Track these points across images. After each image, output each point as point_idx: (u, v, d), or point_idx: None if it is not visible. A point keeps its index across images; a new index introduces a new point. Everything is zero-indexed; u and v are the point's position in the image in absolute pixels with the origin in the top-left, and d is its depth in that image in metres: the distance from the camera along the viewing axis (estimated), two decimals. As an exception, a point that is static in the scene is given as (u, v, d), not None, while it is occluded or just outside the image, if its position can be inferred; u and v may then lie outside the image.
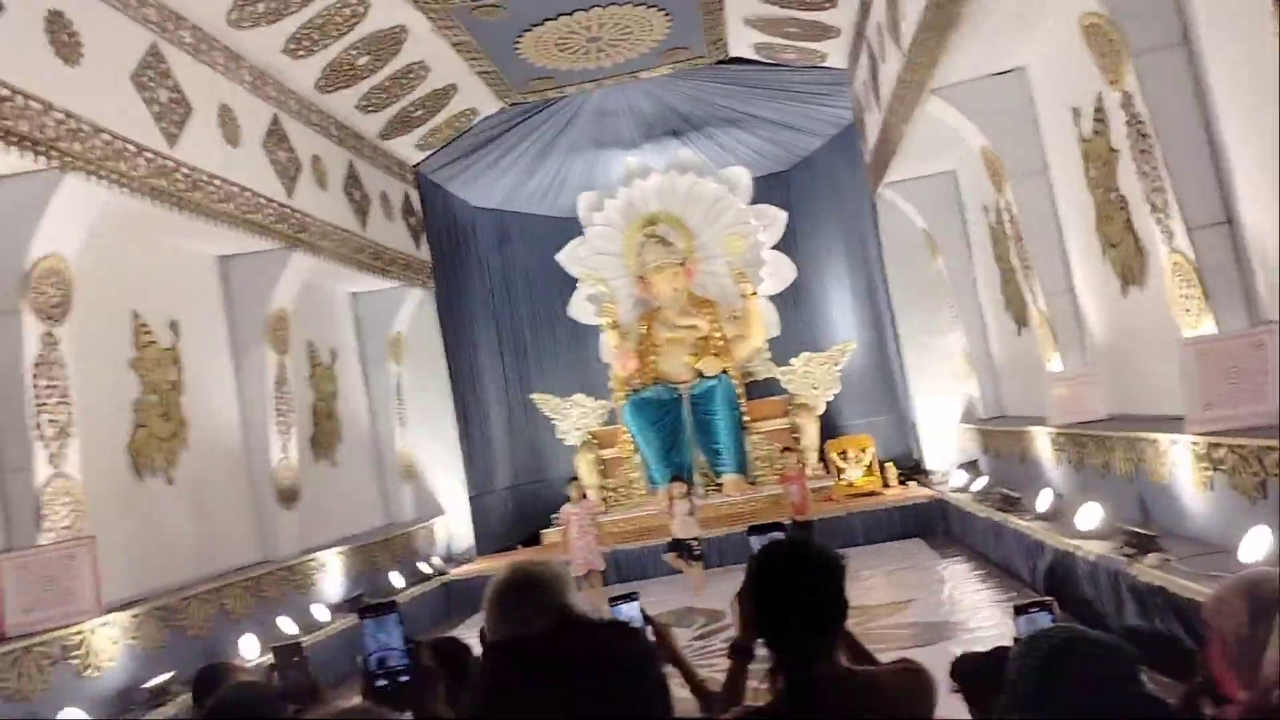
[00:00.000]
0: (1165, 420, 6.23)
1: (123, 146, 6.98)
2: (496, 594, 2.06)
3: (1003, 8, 6.64)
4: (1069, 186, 7.67)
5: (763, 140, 14.81)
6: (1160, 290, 6.00)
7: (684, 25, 11.58)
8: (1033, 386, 9.11)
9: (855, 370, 14.11)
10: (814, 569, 2.08)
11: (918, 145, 9.67)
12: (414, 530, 12.34)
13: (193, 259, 9.06)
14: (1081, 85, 6.76)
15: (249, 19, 8.66)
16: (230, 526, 8.98)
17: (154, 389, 8.19)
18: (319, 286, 11.19)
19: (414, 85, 11.42)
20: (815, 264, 15.25)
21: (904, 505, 11.59)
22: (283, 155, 9.65)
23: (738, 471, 13.17)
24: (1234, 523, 5.06)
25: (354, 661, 8.58)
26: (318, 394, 11.21)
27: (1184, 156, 5.41)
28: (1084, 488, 7.41)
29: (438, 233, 13.72)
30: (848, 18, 10.89)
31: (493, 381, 14.79)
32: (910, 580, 9.12)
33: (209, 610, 7.80)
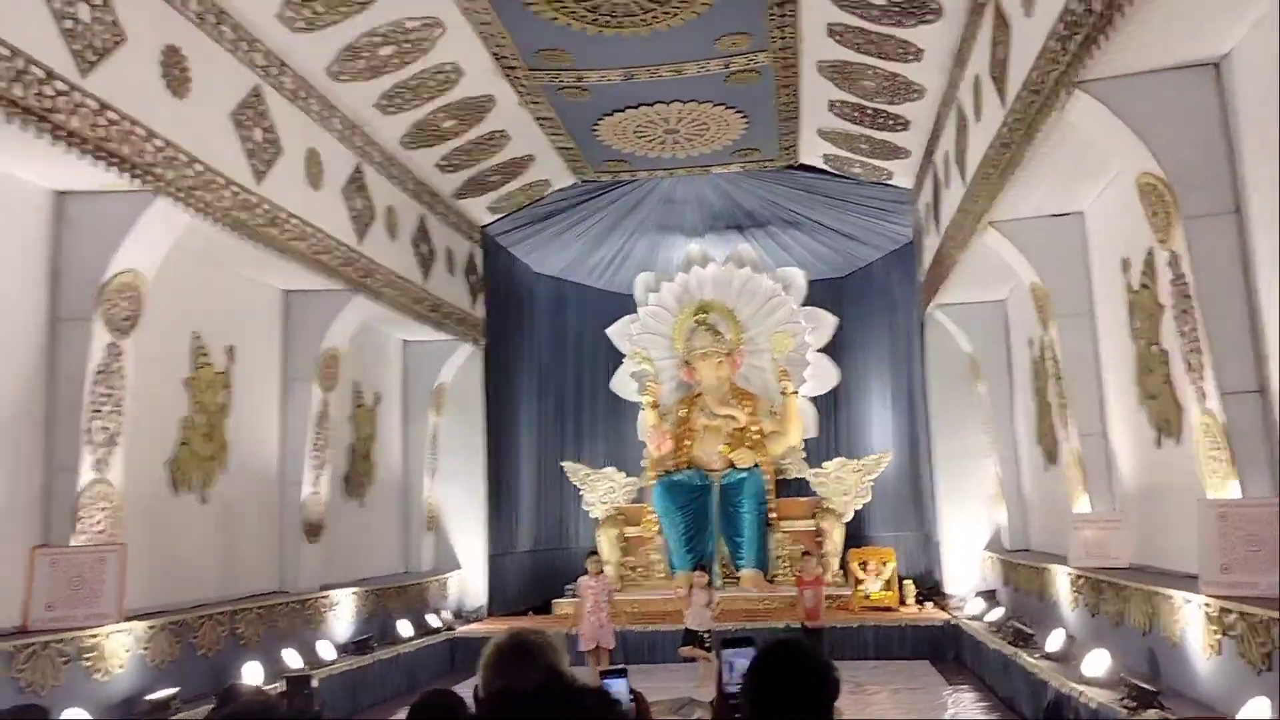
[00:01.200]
0: (1185, 578, 6.22)
1: (213, 178, 7.39)
2: (493, 655, 2.21)
3: (1065, 156, 6.86)
4: (1112, 333, 7.77)
5: (822, 245, 15.07)
6: (1191, 447, 6.05)
7: (760, 129, 11.95)
8: (1059, 524, 9.08)
9: (887, 482, 14.10)
10: (818, 683, 2.18)
11: (971, 272, 9.85)
12: (429, 582, 12.45)
13: (258, 289, 9.43)
14: (1134, 238, 6.92)
15: (348, 73, 9.14)
16: (254, 552, 9.18)
17: (202, 409, 8.49)
18: (374, 330, 11.53)
19: (493, 152, 11.87)
20: (859, 372, 15.37)
21: (918, 625, 11.48)
22: (359, 203, 10.07)
23: (757, 567, 13.14)
24: (1237, 690, 5.04)
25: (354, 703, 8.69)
26: (357, 434, 11.48)
27: (1223, 321, 5.51)
28: (1097, 633, 7.36)
29: (496, 292, 14.08)
30: (918, 141, 11.19)
31: (527, 444, 14.99)
32: (915, 703, 9.02)
33: (221, 632, 7.95)
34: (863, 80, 10.16)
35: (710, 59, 10.21)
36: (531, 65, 10.09)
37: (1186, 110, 5.70)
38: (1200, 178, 5.64)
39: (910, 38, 9.01)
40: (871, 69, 9.84)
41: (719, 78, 10.59)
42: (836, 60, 9.95)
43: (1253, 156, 5.46)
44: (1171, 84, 5.72)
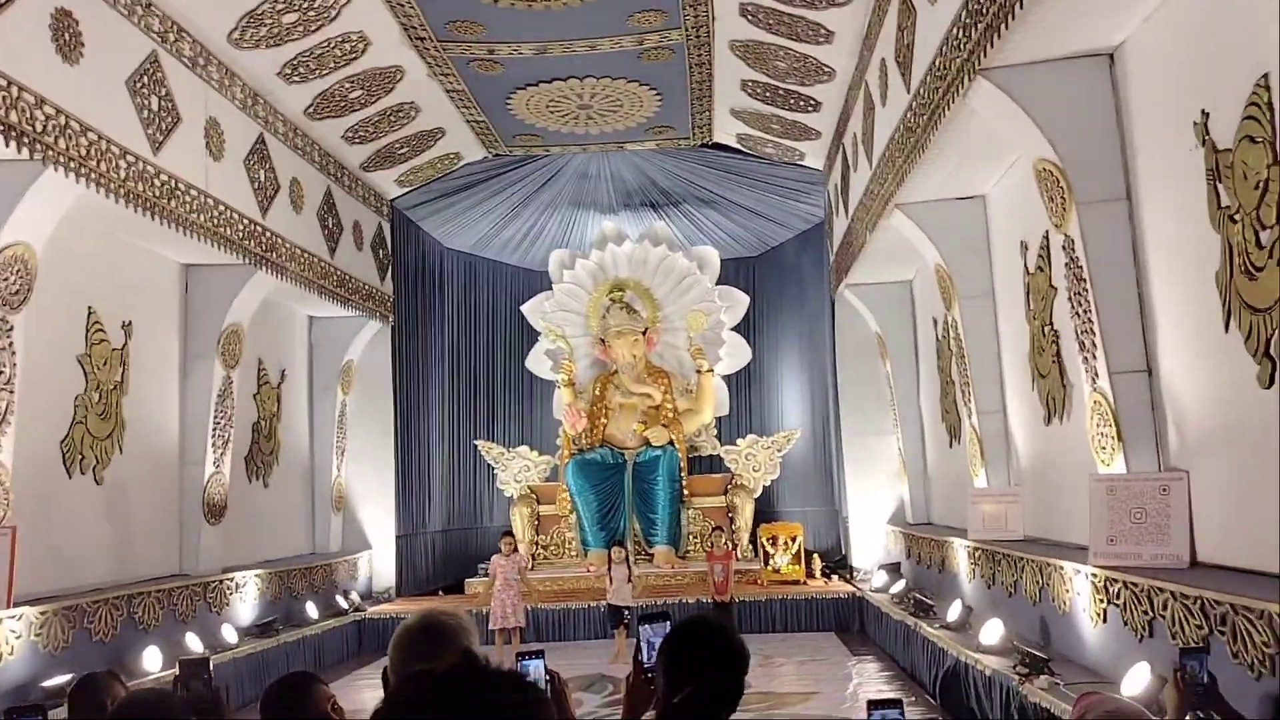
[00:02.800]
0: (1075, 549, 6.49)
1: (107, 148, 7.10)
2: (403, 636, 2.19)
3: (968, 141, 7.03)
4: (1011, 314, 8.03)
5: (735, 225, 15.20)
6: (1081, 424, 6.29)
7: (673, 107, 11.97)
8: (959, 498, 9.37)
9: (796, 459, 14.37)
10: (734, 657, 2.24)
11: (879, 253, 10.05)
12: (337, 562, 12.27)
13: (156, 263, 9.12)
14: (1031, 222, 7.14)
15: (250, 41, 8.86)
16: (152, 535, 8.92)
17: (98, 387, 8.19)
18: (278, 305, 11.26)
19: (402, 124, 11.65)
20: (771, 351, 15.60)
21: (824, 598, 11.75)
22: (262, 174, 9.79)
23: (669, 544, 13.28)
24: (1121, 656, 5.29)
25: (258, 687, 8.52)
26: (260, 413, 11.21)
27: (1114, 303, 5.73)
28: (992, 603, 7.64)
29: (405, 268, 13.87)
30: (828, 123, 11.34)
31: (439, 422, 14.84)
32: (820, 673, 9.25)
33: (117, 617, 7.72)
34: (775, 61, 10.24)
35: (624, 35, 10.17)
36: (442, 37, 9.92)
37: (1082, 99, 5.89)
38: (1094, 165, 5.84)
39: (821, 20, 9.11)
40: (783, 50, 9.93)
41: (633, 54, 10.57)
42: (749, 40, 10.02)
43: (1143, 145, 5.68)
44: (1068, 73, 5.90)
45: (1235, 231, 4.71)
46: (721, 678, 2.22)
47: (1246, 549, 4.82)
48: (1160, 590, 4.91)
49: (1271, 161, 4.36)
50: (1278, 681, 3.80)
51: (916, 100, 7.32)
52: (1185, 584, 4.72)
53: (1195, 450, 5.33)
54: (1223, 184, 4.80)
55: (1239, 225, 4.67)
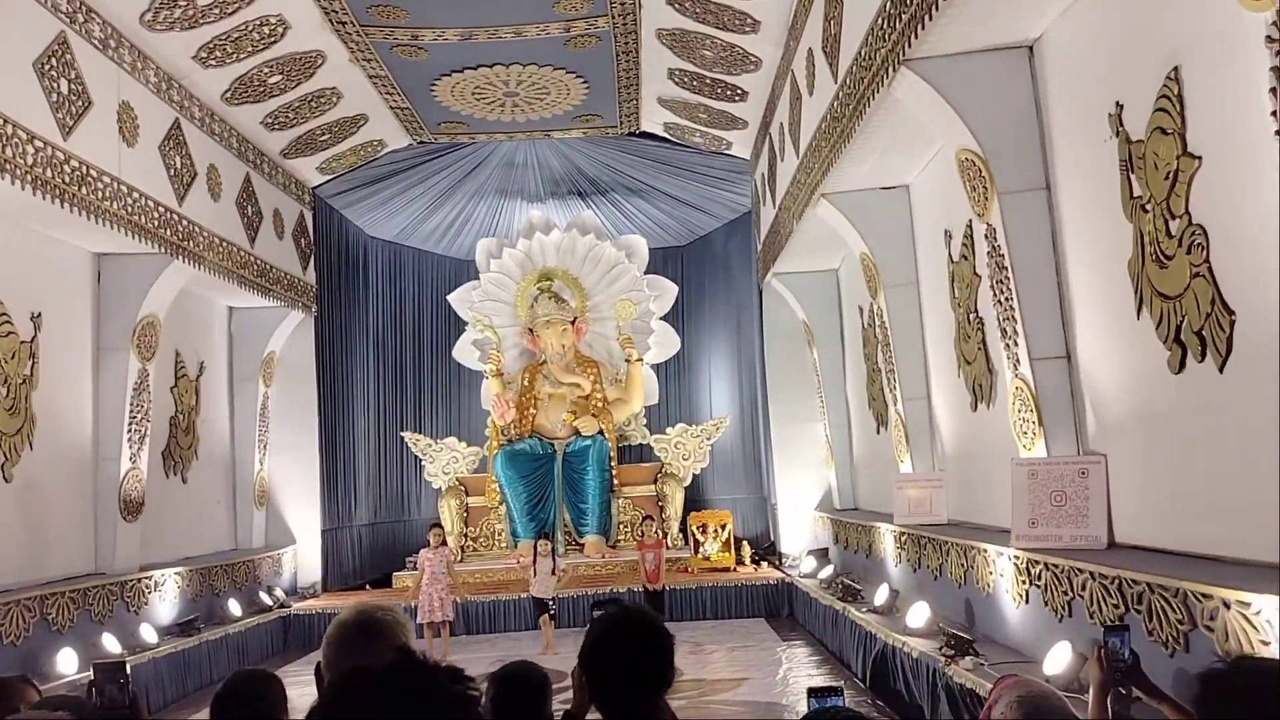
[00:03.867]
0: (998, 532, 6.63)
1: (14, 133, 6.81)
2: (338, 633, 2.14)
3: (893, 131, 7.12)
4: (935, 301, 8.17)
5: (663, 214, 15.21)
6: (1004, 410, 6.43)
7: (600, 95, 11.91)
8: (886, 484, 9.52)
9: (725, 447, 14.48)
10: (645, 635, 2.25)
11: (805, 242, 10.15)
12: (260, 558, 12.00)
13: (66, 252, 8.79)
14: (954, 211, 7.27)
15: (163, 22, 8.57)
16: (65, 533, 8.62)
17: (5, 381, 7.87)
18: (196, 296, 10.95)
19: (324, 110, 11.40)
20: (699, 339, 15.66)
21: (754, 584, 11.87)
22: (178, 161, 9.50)
23: (600, 533, 13.28)
24: (1043, 635, 5.42)
25: (180, 686, 8.30)
26: (178, 406, 10.90)
27: (1034, 291, 5.87)
28: (919, 587, 7.78)
29: (328, 257, 13.59)
30: (755, 113, 11.40)
31: (364, 414, 14.61)
32: (750, 659, 9.34)
33: (29, 619, 7.45)
34: (702, 50, 10.25)
35: (551, 22, 10.09)
36: (364, 21, 9.72)
37: (1002, 90, 6.01)
38: (1014, 155, 5.96)
39: (747, 9, 9.14)
40: (710, 39, 9.94)
41: (559, 41, 10.49)
42: (676, 28, 10.01)
43: (1061, 136, 5.81)
44: (989, 65, 6.01)
45: (1147, 221, 4.85)
46: (641, 661, 2.23)
47: (1161, 530, 4.99)
48: (1079, 571, 5.05)
49: (1181, 153, 4.49)
50: (1192, 658, 3.94)
51: (843, 90, 7.39)
52: (1103, 564, 4.85)
53: (1112, 434, 5.48)
54: (1135, 174, 4.94)
55: (1150, 215, 4.81)
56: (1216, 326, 4.31)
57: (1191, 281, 4.48)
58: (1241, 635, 3.63)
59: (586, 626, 2.49)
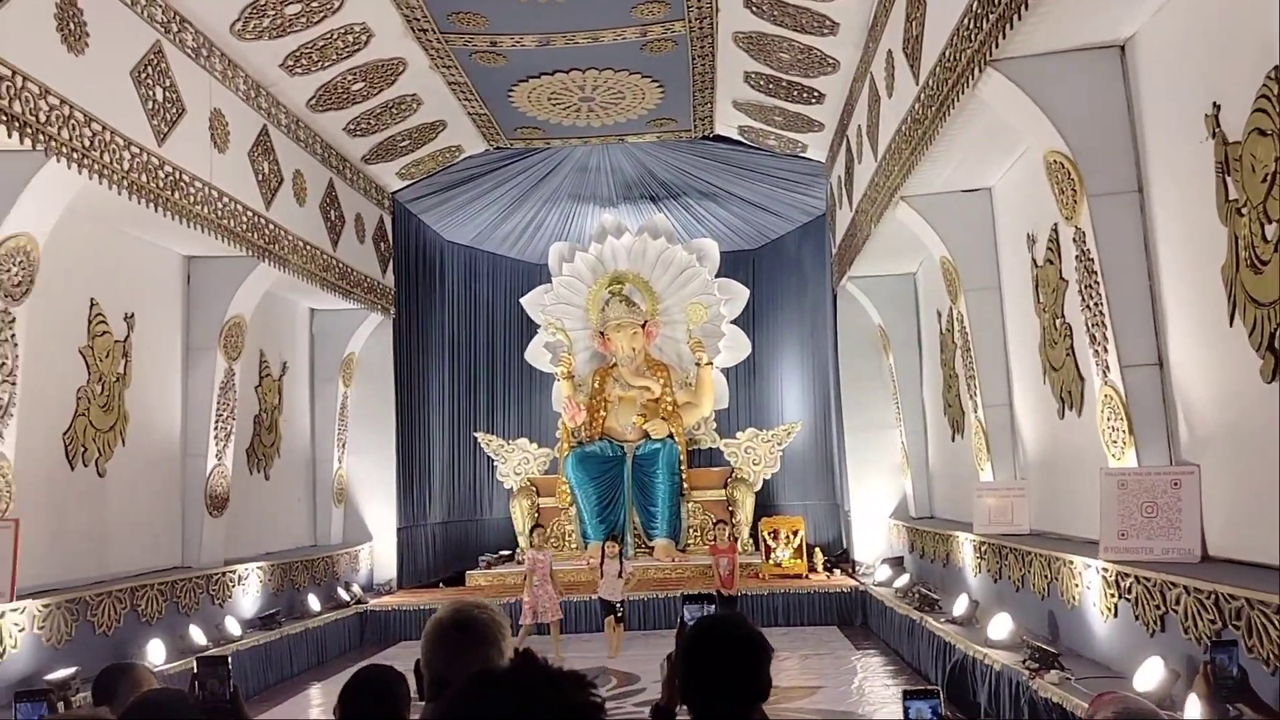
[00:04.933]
0: (1084, 543, 6.48)
1: (111, 139, 7.05)
2: (436, 631, 2.17)
3: (976, 133, 7.01)
4: (1018, 306, 8.01)
5: (735, 217, 15.17)
6: (1093, 418, 6.28)
7: (675, 99, 11.93)
8: (963, 492, 9.36)
9: (797, 452, 14.37)
10: (746, 647, 2.23)
11: (882, 245, 10.03)
12: (338, 554, 12.24)
13: (158, 255, 9.08)
14: (1040, 214, 7.12)
15: (252, 32, 8.80)
16: (154, 527, 8.89)
17: (100, 379, 8.15)
18: (280, 298, 11.22)
19: (404, 116, 11.60)
20: (771, 344, 15.58)
21: (826, 592, 11.75)
22: (266, 167, 9.75)
23: (670, 537, 13.27)
24: (1133, 651, 5.28)
25: (263, 679, 8.54)
26: (262, 405, 11.18)
27: (1125, 297, 5.72)
28: (1000, 598, 7.63)
29: (406, 261, 13.83)
30: (832, 115, 11.31)
31: (439, 415, 14.82)
32: (823, 667, 9.24)
33: (120, 610, 7.69)
34: (778, 52, 10.20)
35: (627, 27, 10.13)
36: (444, 28, 9.87)
37: (1093, 91, 5.88)
38: (1105, 157, 5.82)
39: (826, 11, 9.08)
40: (787, 41, 9.89)
41: (635, 45, 10.53)
42: (752, 32, 9.98)
43: (1154, 137, 5.66)
44: (1079, 65, 5.88)
45: (1242, 225, 4.70)
46: (738, 672, 2.22)
47: (1256, 543, 4.82)
48: (1173, 585, 4.90)
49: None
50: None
51: (924, 92, 7.29)
52: (1199, 578, 4.71)
53: (1205, 444, 5.32)
54: (1231, 177, 4.79)
55: (1246, 218, 4.66)
56: (1319, 334, 4.16)
57: (1291, 288, 4.33)
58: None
59: (677, 623, 2.49)
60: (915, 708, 2.42)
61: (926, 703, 2.43)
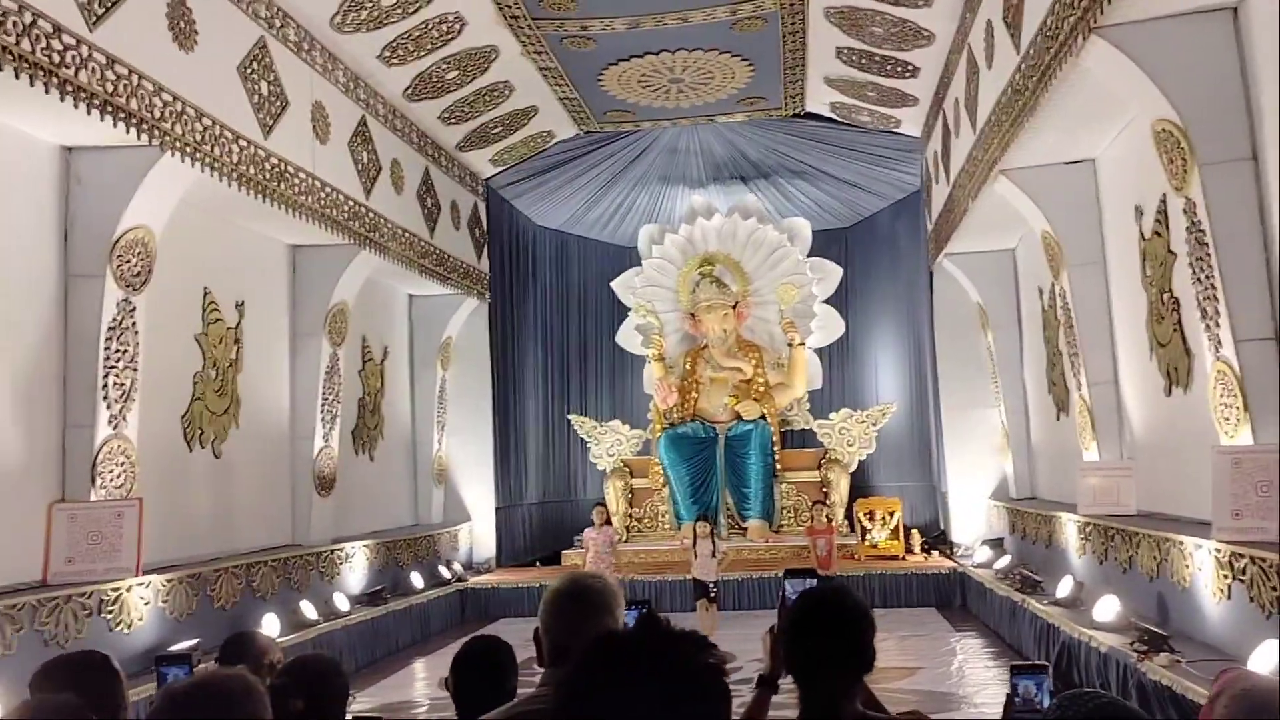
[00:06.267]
0: (1194, 524, 6.28)
1: (221, 132, 7.33)
2: (553, 599, 2.25)
3: (1080, 103, 6.81)
4: (1124, 281, 7.77)
5: (827, 195, 15.00)
6: (1203, 395, 6.07)
7: (765, 77, 11.83)
8: (1067, 472, 9.14)
9: (892, 433, 14.18)
10: (852, 618, 2.27)
11: (981, 221, 9.81)
12: (439, 534, 12.56)
13: (265, 244, 9.40)
14: (1147, 185, 6.88)
15: (351, 24, 9.03)
16: (267, 507, 9.26)
17: (214, 364, 8.50)
18: (380, 284, 11.52)
19: (497, 103, 11.76)
20: (865, 323, 15.39)
21: (924, 573, 11.61)
22: (365, 156, 10.01)
23: (764, 518, 13.25)
24: (1247, 633, 5.11)
25: (370, 652, 8.80)
26: (365, 389, 11.51)
27: (1239, 268, 5.50)
28: (1105, 579, 7.45)
29: (500, 246, 14.05)
30: (927, 89, 11.09)
31: (534, 397, 15.06)
32: (921, 648, 9.16)
33: (237, 585, 8.04)
34: (871, 26, 10.04)
35: (717, 6, 10.09)
36: (535, 15, 9.97)
37: (1203, 56, 5.65)
38: (1217, 124, 5.60)
39: (920, -17, 8.90)
40: (880, 15, 9.72)
41: (725, 25, 10.47)
42: (844, 6, 9.83)
43: (1269, 103, 5.42)
44: (1189, 29, 5.66)
45: (1373, 190, 4.48)
46: (841, 642, 2.24)
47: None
48: (1291, 566, 4.73)
49: None
50: None
51: (1025, 61, 7.11)
52: (1319, 559, 4.54)
53: (1328, 421, 5.11)
54: (1360, 140, 4.57)
55: (1378, 183, 4.44)
56: None
57: None
58: None
59: (778, 597, 2.52)
60: (1024, 685, 2.40)
61: (1033, 679, 2.41)
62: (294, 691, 2.77)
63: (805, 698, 2.21)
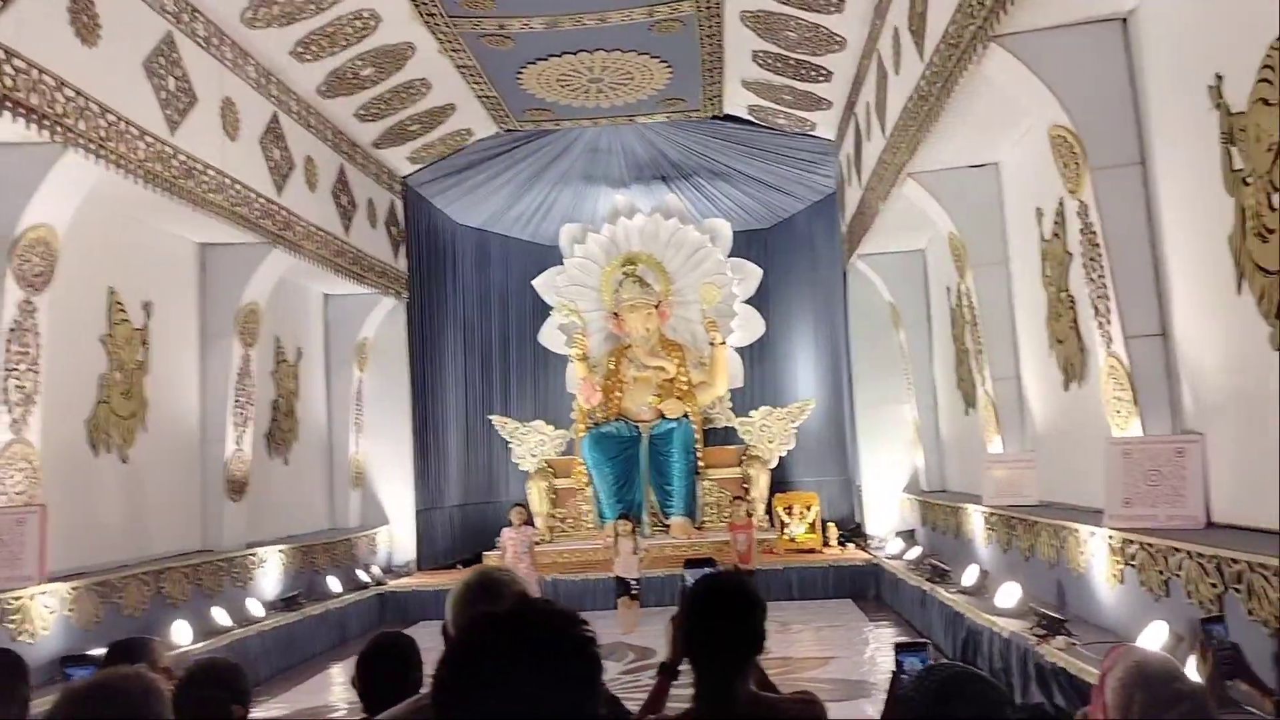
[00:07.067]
0: (1090, 512, 6.55)
1: (126, 129, 7.17)
2: (461, 591, 2.29)
3: (982, 108, 7.04)
4: (1026, 280, 8.05)
5: (747, 197, 15.20)
6: (1097, 389, 6.34)
7: (684, 79, 11.96)
8: (975, 465, 9.43)
9: (810, 429, 14.44)
10: (743, 603, 2.36)
11: (892, 222, 10.07)
12: (357, 537, 12.42)
13: (173, 243, 9.21)
14: (1046, 189, 7.16)
15: (262, 19, 8.89)
16: (176, 512, 9.06)
17: (120, 367, 8.30)
18: (294, 284, 11.35)
19: (414, 100, 11.67)
20: (784, 322, 15.63)
21: (840, 566, 11.86)
22: (277, 153, 9.85)
23: (686, 515, 13.37)
24: (1138, 615, 5.36)
25: (286, 658, 8.69)
26: (279, 390, 11.33)
27: (1129, 268, 5.76)
28: (1009, 568, 7.71)
29: (418, 245, 13.93)
30: (840, 93, 11.33)
31: (454, 398, 14.96)
32: (836, 638, 9.37)
33: (146, 592, 7.86)
34: (785, 31, 10.22)
35: (635, 8, 10.17)
36: (452, 12, 9.93)
37: (1096, 65, 5.90)
38: (1108, 130, 5.85)
39: (832, -11, 9.09)
40: (794, 19, 9.91)
41: (643, 26, 10.56)
42: (760, 10, 10.00)
43: (1157, 110, 5.69)
44: (1082, 39, 5.91)
45: (1248, 194, 4.74)
46: (735, 626, 2.32)
47: (1260, 509, 4.87)
48: (1176, 550, 4.98)
49: (1286, 124, 4.38)
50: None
51: (930, 68, 7.32)
52: (1201, 544, 4.78)
53: (1210, 412, 5.37)
54: (1236, 147, 4.82)
55: (1252, 188, 4.70)
56: (1321, 301, 4.21)
57: (1295, 256, 4.38)
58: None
59: (680, 584, 2.60)
60: (908, 661, 2.53)
61: (917, 656, 2.55)
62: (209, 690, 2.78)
63: (700, 679, 2.29)
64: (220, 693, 2.80)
